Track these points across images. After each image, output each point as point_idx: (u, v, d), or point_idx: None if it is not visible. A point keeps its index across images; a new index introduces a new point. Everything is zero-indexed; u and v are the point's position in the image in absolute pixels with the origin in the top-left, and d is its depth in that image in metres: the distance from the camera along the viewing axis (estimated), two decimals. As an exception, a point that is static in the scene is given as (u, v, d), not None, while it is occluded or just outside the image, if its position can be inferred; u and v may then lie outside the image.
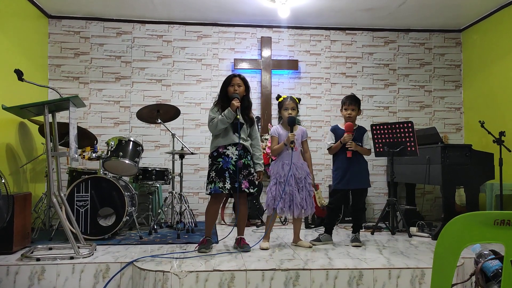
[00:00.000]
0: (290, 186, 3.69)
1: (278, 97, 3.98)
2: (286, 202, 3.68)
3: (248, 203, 4.39)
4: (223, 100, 3.64)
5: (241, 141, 3.57)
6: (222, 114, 3.52)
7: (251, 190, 3.59)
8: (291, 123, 3.75)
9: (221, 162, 3.53)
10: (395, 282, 2.97)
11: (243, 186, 3.54)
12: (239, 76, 3.69)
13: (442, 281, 1.40)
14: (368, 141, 3.95)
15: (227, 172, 3.51)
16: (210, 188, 3.52)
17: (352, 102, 3.94)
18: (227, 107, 3.51)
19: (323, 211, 5.00)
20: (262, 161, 3.77)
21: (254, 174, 3.68)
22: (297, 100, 3.89)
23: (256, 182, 3.66)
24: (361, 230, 4.64)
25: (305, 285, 2.91)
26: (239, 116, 3.51)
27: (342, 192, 3.95)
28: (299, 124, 5.65)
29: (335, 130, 4.02)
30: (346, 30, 5.91)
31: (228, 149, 3.55)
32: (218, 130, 3.57)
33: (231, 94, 3.58)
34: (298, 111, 3.92)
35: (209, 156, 3.66)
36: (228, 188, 3.49)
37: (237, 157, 3.56)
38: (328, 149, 3.98)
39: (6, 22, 4.42)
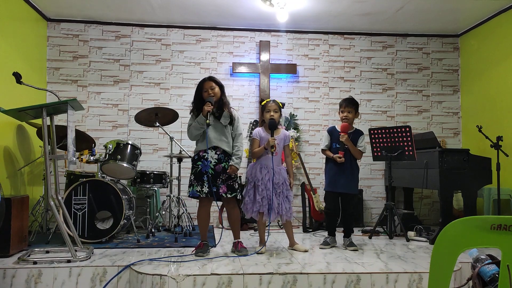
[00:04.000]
0: (268, 190, 3.65)
1: (261, 101, 3.96)
2: (264, 206, 3.65)
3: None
4: (198, 106, 3.62)
5: (218, 144, 3.54)
6: (195, 120, 3.54)
7: (229, 195, 3.53)
8: (271, 126, 3.69)
9: (200, 166, 3.53)
10: (393, 287, 2.97)
11: (221, 190, 3.50)
12: (209, 78, 3.64)
13: (439, 286, 1.40)
14: (362, 144, 3.94)
15: (205, 175, 3.50)
16: (189, 191, 3.54)
17: (348, 105, 3.96)
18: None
19: (321, 215, 5.01)
20: (238, 156, 3.61)
21: (235, 178, 3.62)
22: (280, 104, 3.83)
23: (236, 186, 3.59)
24: (359, 235, 4.67)
25: (303, 289, 2.91)
26: (209, 121, 3.47)
27: (332, 194, 3.95)
28: (297, 129, 5.68)
29: (332, 132, 4.04)
30: (344, 35, 5.93)
31: (208, 153, 3.53)
32: (194, 136, 3.59)
33: (206, 99, 3.56)
34: (281, 115, 3.86)
35: (191, 159, 3.67)
36: (206, 192, 3.47)
37: (216, 161, 3.54)
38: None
39: (5, 25, 4.42)
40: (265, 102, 3.87)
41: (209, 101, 3.51)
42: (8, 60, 4.44)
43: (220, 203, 3.70)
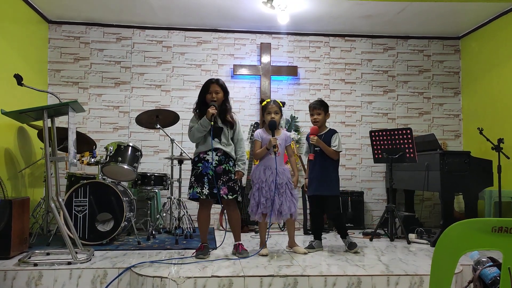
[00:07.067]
0: (272, 191, 3.65)
1: (262, 101, 3.96)
2: (268, 208, 3.65)
3: (244, 208, 4.40)
4: (201, 107, 3.59)
5: (220, 146, 3.52)
6: (198, 122, 3.48)
7: (230, 197, 3.51)
8: (272, 127, 3.70)
9: (200, 167, 3.50)
10: (394, 289, 2.96)
11: (221, 192, 3.48)
12: (216, 82, 3.60)
13: (440, 288, 1.40)
14: (335, 142, 3.88)
15: (206, 177, 3.47)
16: (189, 193, 3.51)
17: (316, 107, 3.97)
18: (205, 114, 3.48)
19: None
20: (244, 161, 3.66)
21: (235, 180, 3.59)
22: (280, 103, 3.83)
23: (237, 187, 3.58)
24: (360, 237, 4.66)
25: (304, 291, 2.90)
26: (213, 123, 3.44)
27: (312, 197, 3.96)
28: (298, 131, 5.68)
29: (307, 137, 4.01)
30: (345, 37, 5.93)
31: (208, 154, 3.51)
32: (196, 138, 3.54)
33: (209, 102, 3.53)
34: (281, 115, 3.88)
35: (191, 161, 3.65)
36: (206, 193, 3.45)
37: (217, 162, 3.52)
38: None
39: (6, 27, 4.43)
40: (265, 103, 3.86)
41: (213, 105, 3.49)
42: (9, 62, 4.45)
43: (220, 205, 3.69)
